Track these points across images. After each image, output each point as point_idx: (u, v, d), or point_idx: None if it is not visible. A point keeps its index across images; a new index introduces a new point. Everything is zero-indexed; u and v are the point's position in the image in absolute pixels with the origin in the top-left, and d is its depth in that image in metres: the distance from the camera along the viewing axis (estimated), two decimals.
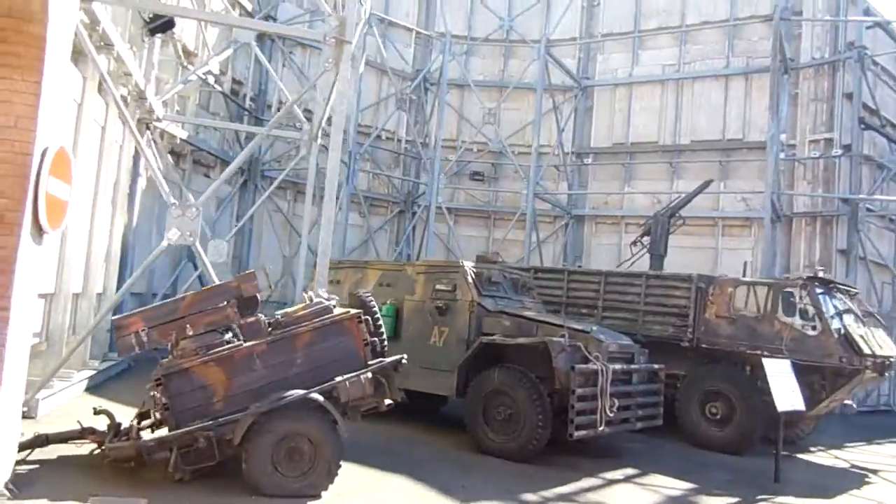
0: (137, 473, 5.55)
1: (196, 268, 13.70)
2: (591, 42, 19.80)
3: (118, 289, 10.35)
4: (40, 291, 8.05)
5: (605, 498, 6.55)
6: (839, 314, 9.23)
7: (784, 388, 7.83)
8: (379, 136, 19.74)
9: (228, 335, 5.97)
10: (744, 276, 10.72)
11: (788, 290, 9.42)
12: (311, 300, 6.41)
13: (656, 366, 8.67)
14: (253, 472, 5.43)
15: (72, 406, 7.63)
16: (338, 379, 5.75)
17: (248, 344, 5.83)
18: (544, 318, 8.29)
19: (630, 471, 7.69)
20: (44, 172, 4.67)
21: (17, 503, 4.69)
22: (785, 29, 17.31)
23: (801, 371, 9.24)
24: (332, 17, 8.08)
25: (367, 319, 6.23)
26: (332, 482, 5.66)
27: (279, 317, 6.24)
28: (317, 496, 5.55)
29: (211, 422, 5.43)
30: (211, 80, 14.51)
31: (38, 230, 4.81)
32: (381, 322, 6.66)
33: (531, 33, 19.91)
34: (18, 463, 5.25)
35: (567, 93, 19.84)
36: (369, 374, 5.87)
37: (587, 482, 7.00)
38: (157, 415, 5.73)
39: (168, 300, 6.29)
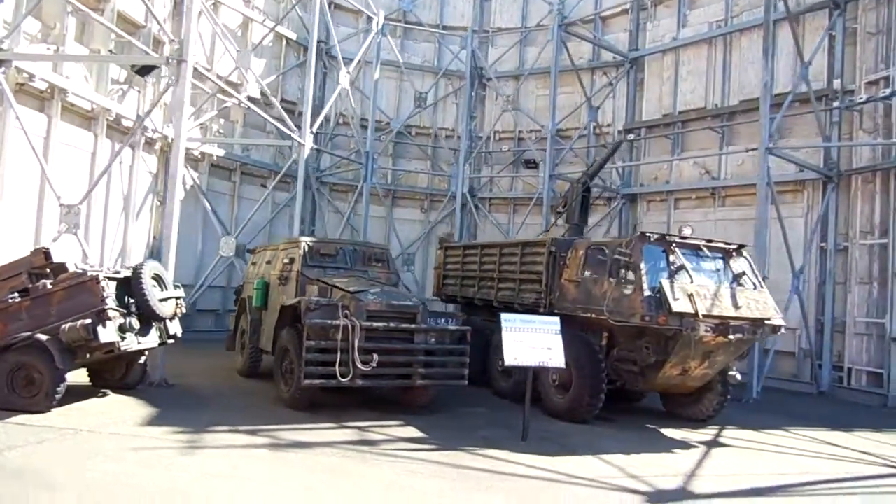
0: None
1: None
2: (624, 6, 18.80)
3: None
4: None
5: (299, 436, 7.25)
6: (672, 272, 8.36)
7: (527, 344, 7.60)
8: (437, 135, 21.02)
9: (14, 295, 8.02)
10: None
11: (597, 247, 8.79)
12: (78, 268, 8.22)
13: (454, 327, 8.83)
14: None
15: None
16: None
17: (17, 301, 7.83)
18: (342, 284, 9.01)
19: (393, 422, 8.12)
20: None
21: None
22: None
23: (633, 335, 8.70)
24: (175, 42, 9.85)
25: (106, 280, 7.87)
26: (51, 404, 7.42)
27: None
28: (40, 412, 7.31)
29: None
30: (246, 103, 17.10)
31: None
32: (142, 284, 8.21)
33: (584, 14, 19.57)
34: None
35: (619, 68, 19.08)
36: (87, 321, 7.48)
37: (314, 425, 7.72)
38: None
39: None
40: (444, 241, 13.60)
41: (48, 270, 8.49)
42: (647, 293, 8.13)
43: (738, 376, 9.13)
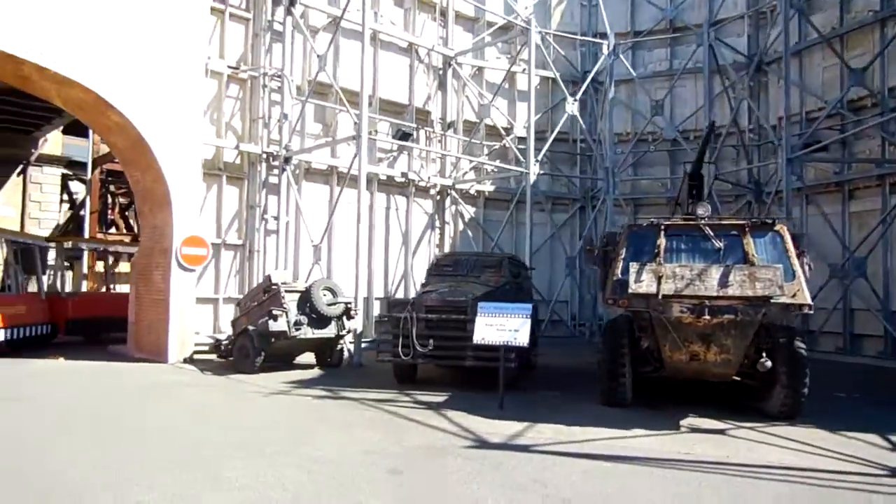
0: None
1: None
2: None
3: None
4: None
5: (355, 395, 10.10)
6: (655, 255, 8.18)
7: (495, 327, 8.78)
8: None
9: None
10: None
11: (588, 240, 8.86)
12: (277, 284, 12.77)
13: None
14: (235, 359, 12.43)
15: None
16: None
17: (254, 306, 12.81)
18: (433, 287, 11.42)
19: (444, 392, 10.25)
20: (177, 246, 13.29)
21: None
22: None
23: (633, 322, 8.88)
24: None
25: (283, 291, 12.19)
26: (254, 369, 11.99)
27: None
28: (249, 374, 11.93)
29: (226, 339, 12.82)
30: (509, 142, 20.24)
31: (183, 268, 13.42)
32: (311, 294, 12.29)
33: None
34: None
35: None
36: (264, 318, 11.90)
37: (384, 391, 10.43)
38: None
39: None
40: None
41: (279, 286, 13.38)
42: (616, 277, 8.39)
43: (769, 363, 8.06)
